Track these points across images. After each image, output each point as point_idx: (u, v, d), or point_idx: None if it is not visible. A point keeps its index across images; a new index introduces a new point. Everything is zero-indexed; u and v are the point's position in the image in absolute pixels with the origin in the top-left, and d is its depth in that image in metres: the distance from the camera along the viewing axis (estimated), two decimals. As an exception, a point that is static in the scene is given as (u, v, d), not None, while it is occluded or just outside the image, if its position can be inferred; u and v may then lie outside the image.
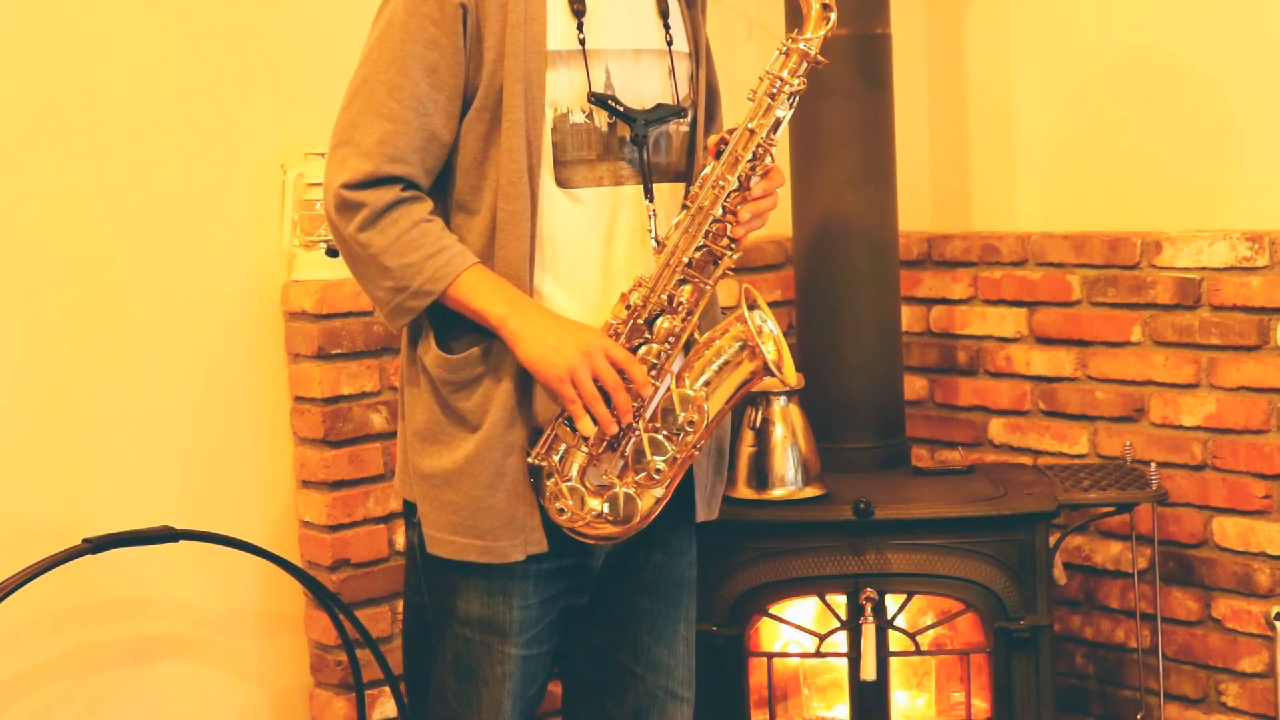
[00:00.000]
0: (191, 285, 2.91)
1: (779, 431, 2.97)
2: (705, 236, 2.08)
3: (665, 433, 2.07)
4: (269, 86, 2.97)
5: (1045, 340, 3.46)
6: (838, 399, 3.20)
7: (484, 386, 2.08)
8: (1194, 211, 3.23)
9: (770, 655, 2.97)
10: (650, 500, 2.10)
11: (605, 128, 2.11)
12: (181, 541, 2.69)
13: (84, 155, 2.78)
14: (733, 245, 2.09)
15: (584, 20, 2.08)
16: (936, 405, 3.68)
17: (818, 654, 2.94)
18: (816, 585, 2.91)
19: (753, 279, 3.65)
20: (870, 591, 2.86)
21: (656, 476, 2.08)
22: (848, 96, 3.17)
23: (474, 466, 2.08)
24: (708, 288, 2.09)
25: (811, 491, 2.97)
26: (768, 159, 2.10)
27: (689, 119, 2.21)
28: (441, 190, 2.12)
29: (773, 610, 2.94)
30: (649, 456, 2.07)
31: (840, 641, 2.91)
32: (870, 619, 2.85)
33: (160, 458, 2.88)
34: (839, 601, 2.90)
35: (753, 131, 2.09)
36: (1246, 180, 3.17)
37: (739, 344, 2.09)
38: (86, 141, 2.78)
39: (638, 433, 2.07)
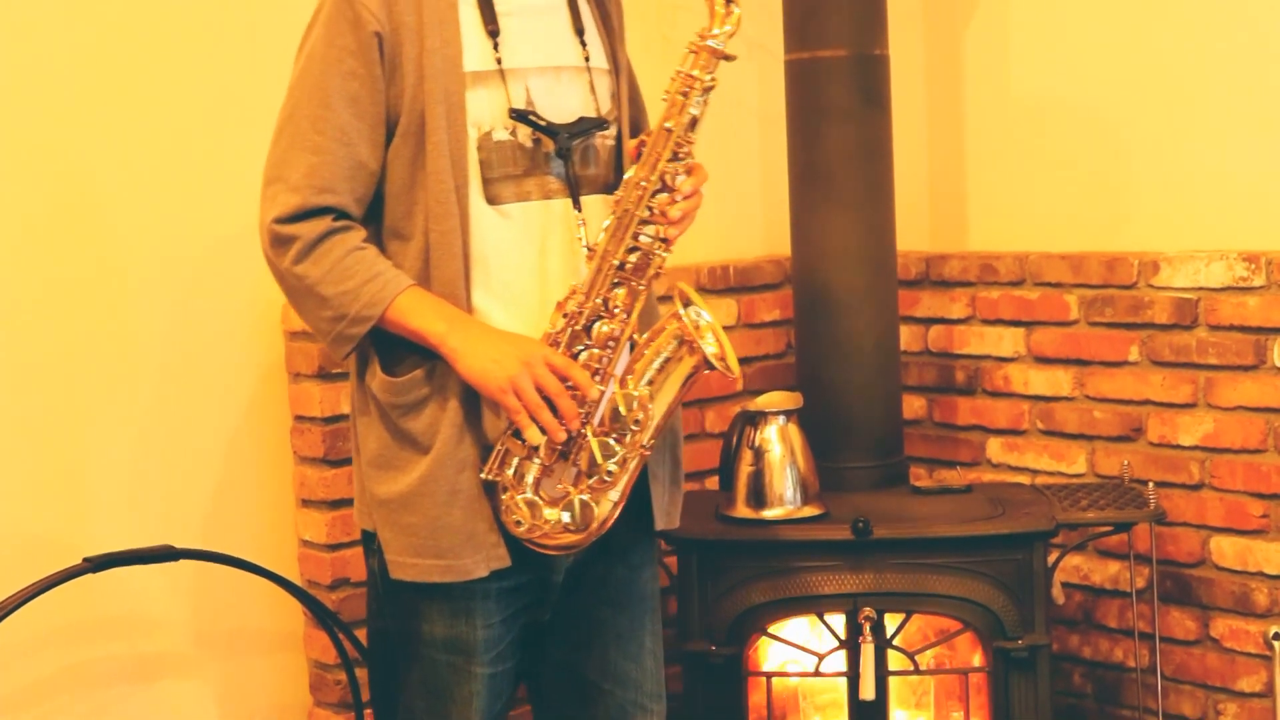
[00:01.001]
0: (192, 304, 2.91)
1: (777, 450, 2.97)
2: (634, 238, 2.10)
3: (614, 435, 2.09)
4: (272, 103, 2.97)
5: (1043, 360, 3.47)
6: (836, 418, 3.20)
7: (431, 407, 2.10)
8: (1191, 231, 3.24)
9: (769, 675, 2.97)
10: (607, 505, 2.12)
11: (530, 143, 2.13)
12: (181, 560, 2.69)
13: (85, 171, 2.78)
14: (663, 245, 2.11)
15: (499, 41, 2.12)
16: (935, 425, 3.69)
17: (817, 673, 2.94)
18: (815, 604, 2.91)
19: (751, 298, 3.66)
20: (869, 611, 2.86)
21: (608, 479, 2.09)
22: (846, 117, 3.18)
23: (428, 486, 2.09)
24: (641, 289, 2.12)
25: (810, 511, 2.98)
26: (689, 157, 2.12)
27: (614, 132, 2.23)
28: (375, 219, 2.15)
29: (771, 629, 2.94)
30: (599, 460, 2.08)
31: (839, 661, 2.91)
32: (869, 638, 2.85)
33: (160, 476, 2.88)
34: (838, 621, 2.90)
35: (669, 130, 2.11)
36: (1243, 200, 3.18)
37: (677, 341, 2.12)
38: (88, 157, 2.78)
39: (587, 438, 2.09)
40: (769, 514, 2.97)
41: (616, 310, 2.10)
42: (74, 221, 2.77)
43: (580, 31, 2.21)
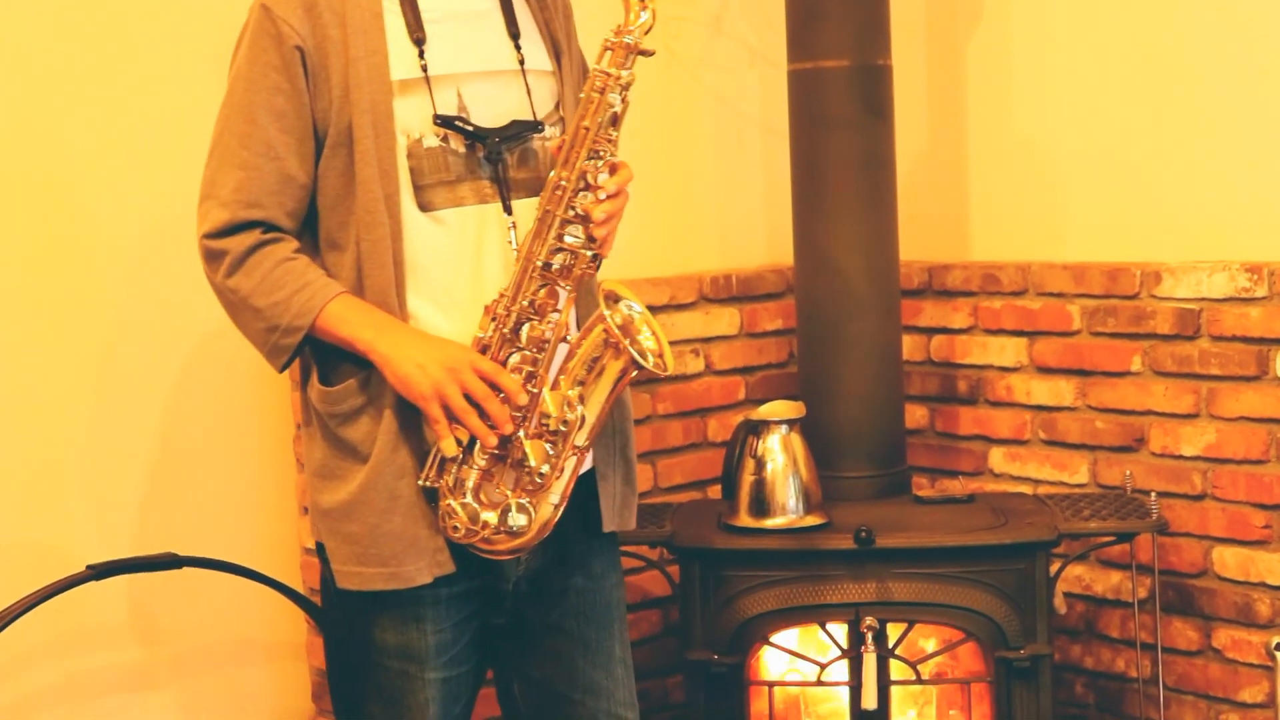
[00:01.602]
0: (195, 312, 2.92)
1: (780, 460, 2.98)
2: (559, 239, 2.08)
3: (546, 438, 2.09)
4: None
5: (1045, 370, 3.47)
6: (839, 427, 3.20)
7: (368, 415, 2.11)
8: (1193, 242, 3.25)
9: (771, 684, 2.97)
10: (548, 508, 2.11)
11: (463, 149, 2.13)
12: (185, 568, 2.69)
13: (87, 177, 2.79)
14: (592, 244, 2.10)
15: (425, 48, 2.12)
16: (937, 434, 3.69)
17: (819, 682, 2.94)
18: (818, 614, 2.91)
19: (753, 307, 3.67)
20: (871, 620, 2.86)
21: (540, 481, 2.08)
22: (849, 127, 3.19)
23: (367, 494, 2.10)
24: (568, 290, 2.10)
25: (813, 520, 2.98)
26: (611, 155, 2.10)
27: (556, 134, 2.21)
28: (313, 232, 2.16)
29: (774, 638, 2.94)
30: (532, 463, 2.08)
31: (841, 670, 2.92)
32: (871, 647, 2.85)
33: (164, 484, 2.89)
34: (840, 630, 2.90)
35: (587, 129, 2.09)
36: (1245, 211, 3.18)
37: (604, 343, 2.10)
38: (88, 162, 2.79)
39: (521, 441, 2.08)
40: (771, 523, 2.97)
41: (546, 311, 2.09)
42: (70, 230, 2.78)
43: (515, 35, 2.20)
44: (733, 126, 3.73)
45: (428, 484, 2.09)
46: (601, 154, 2.09)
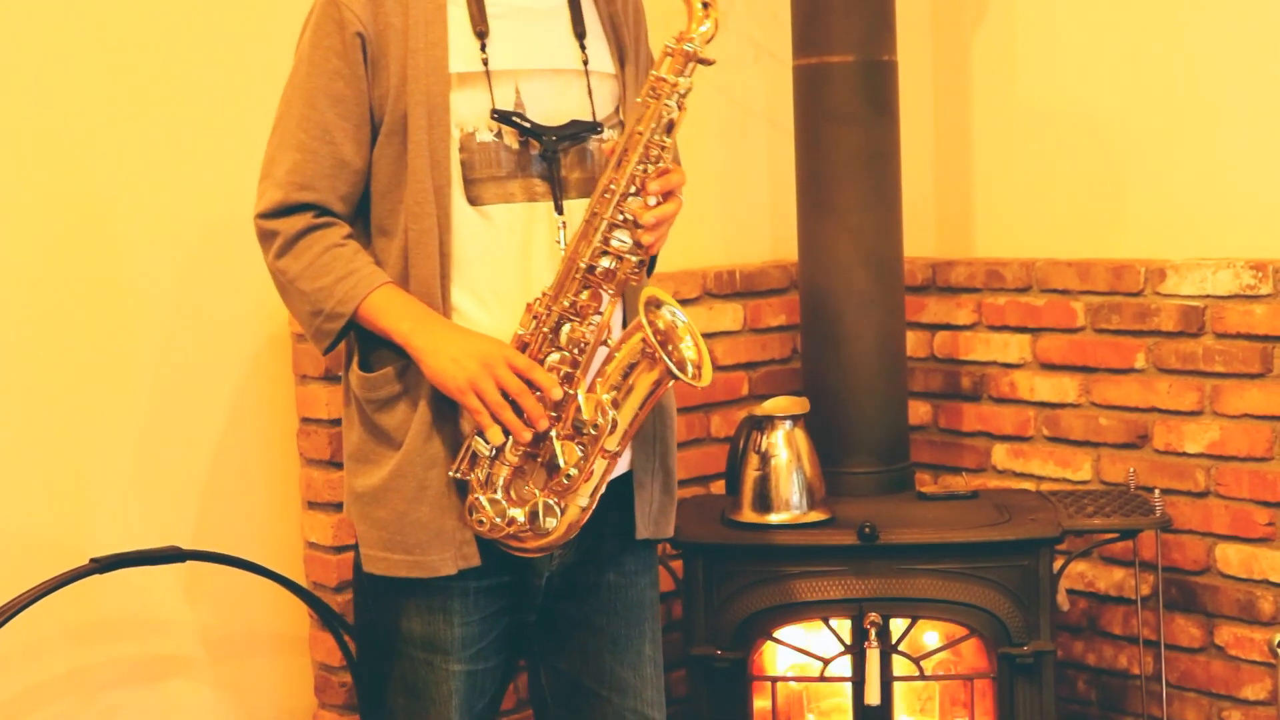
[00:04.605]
0: (199, 306, 2.92)
1: (784, 455, 2.98)
2: (605, 242, 2.08)
3: (577, 439, 2.09)
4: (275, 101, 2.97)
5: (1049, 366, 3.47)
6: (842, 423, 3.20)
7: (404, 403, 2.12)
8: (1198, 239, 3.25)
9: (774, 679, 2.97)
10: (576, 510, 2.11)
11: (517, 145, 2.13)
12: (188, 562, 2.70)
13: (89, 173, 2.79)
14: (639, 249, 2.09)
15: (487, 42, 2.12)
16: (940, 430, 3.69)
17: (822, 678, 2.94)
18: (821, 609, 2.91)
19: (757, 303, 3.66)
20: (875, 616, 2.86)
21: (567, 482, 2.08)
22: (854, 123, 3.18)
23: (398, 481, 2.11)
24: (611, 294, 2.10)
25: (816, 516, 2.98)
26: (661, 160, 2.10)
27: (614, 136, 2.21)
28: (365, 216, 2.17)
29: (777, 634, 2.94)
30: (561, 463, 2.08)
31: (844, 666, 2.92)
32: (875, 643, 2.85)
33: (167, 478, 2.89)
34: (843, 626, 2.90)
35: (640, 134, 2.09)
36: (1250, 209, 3.18)
37: (641, 351, 2.10)
38: (91, 159, 2.79)
39: (552, 440, 2.08)
40: (775, 519, 2.97)
41: (586, 313, 2.09)
42: (79, 224, 2.78)
43: (581, 35, 2.20)
44: (737, 122, 3.73)
45: (458, 476, 2.10)
46: (653, 159, 2.09)
